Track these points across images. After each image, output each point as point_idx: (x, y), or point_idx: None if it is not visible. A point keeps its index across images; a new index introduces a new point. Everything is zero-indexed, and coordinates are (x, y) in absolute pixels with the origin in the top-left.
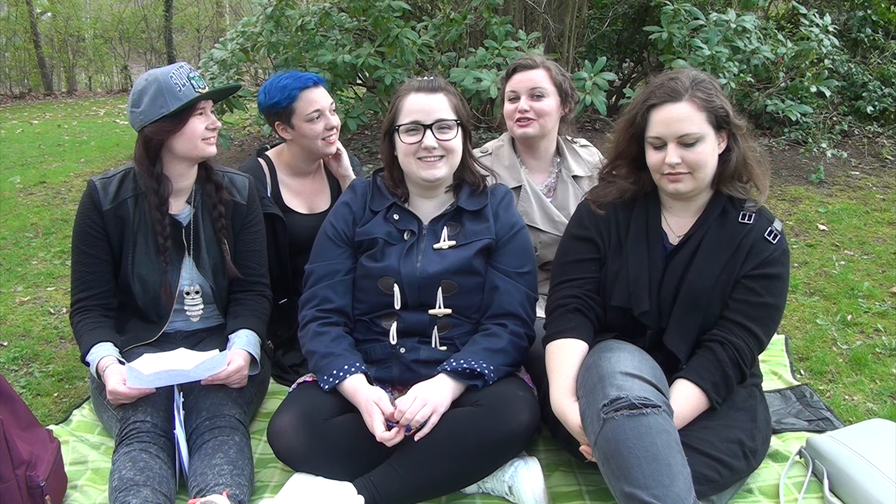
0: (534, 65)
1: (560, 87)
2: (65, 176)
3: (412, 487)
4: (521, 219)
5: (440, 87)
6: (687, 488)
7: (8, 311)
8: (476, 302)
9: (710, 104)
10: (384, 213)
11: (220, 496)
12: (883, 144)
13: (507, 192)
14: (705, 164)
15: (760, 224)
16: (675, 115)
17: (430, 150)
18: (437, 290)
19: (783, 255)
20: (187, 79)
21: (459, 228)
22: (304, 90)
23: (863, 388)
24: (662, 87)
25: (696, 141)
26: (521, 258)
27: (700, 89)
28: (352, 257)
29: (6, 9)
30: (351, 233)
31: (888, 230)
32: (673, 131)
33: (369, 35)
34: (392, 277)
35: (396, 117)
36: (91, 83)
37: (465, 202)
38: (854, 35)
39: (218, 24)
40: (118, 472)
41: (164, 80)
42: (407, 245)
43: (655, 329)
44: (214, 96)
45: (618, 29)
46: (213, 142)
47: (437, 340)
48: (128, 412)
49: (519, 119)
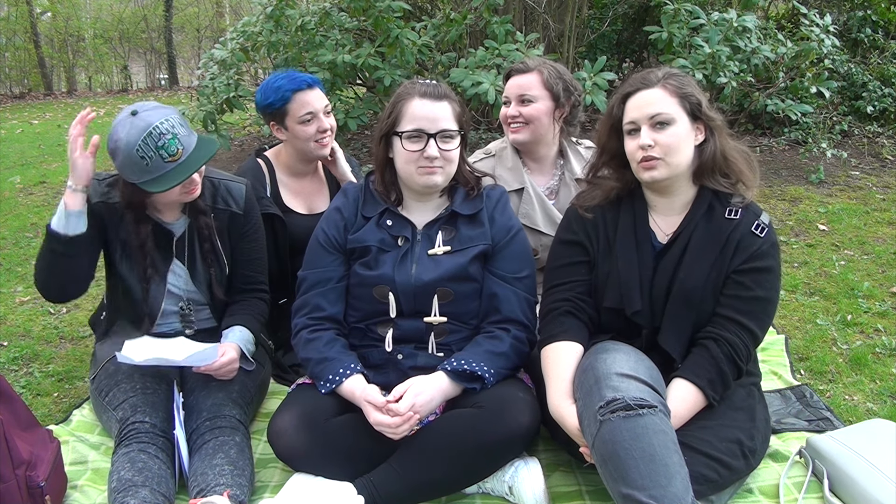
0: (526, 69)
1: (552, 90)
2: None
3: (412, 487)
4: (517, 221)
5: (445, 94)
6: (684, 488)
7: (8, 311)
8: (473, 308)
9: (682, 90)
10: (377, 219)
11: (221, 497)
12: (883, 144)
13: (503, 194)
14: (678, 149)
15: (747, 218)
16: (647, 99)
17: (431, 160)
18: (432, 297)
19: (772, 247)
20: (155, 149)
21: (454, 233)
22: (298, 92)
23: (863, 388)
24: (636, 78)
25: (668, 123)
26: (519, 262)
27: (673, 78)
28: (344, 264)
29: (6, 9)
30: (343, 240)
31: (888, 230)
32: (645, 113)
33: (369, 35)
34: (387, 286)
35: (398, 121)
36: (91, 83)
37: (459, 206)
38: (854, 35)
39: (218, 24)
40: (117, 473)
41: (129, 155)
42: (401, 252)
43: (650, 329)
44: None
45: (618, 29)
46: (193, 190)
47: (433, 346)
48: (127, 412)
49: (510, 124)
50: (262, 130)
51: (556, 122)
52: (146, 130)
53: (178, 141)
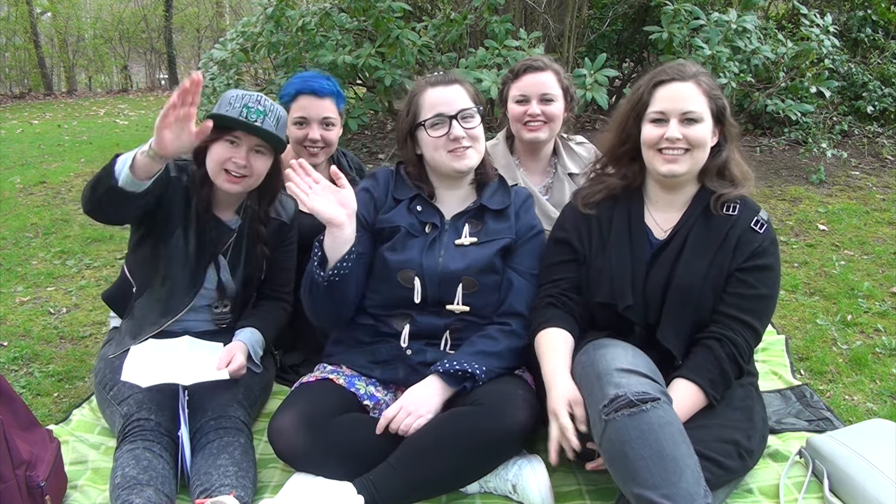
0: (544, 67)
1: (567, 90)
2: (65, 176)
3: (412, 486)
4: (540, 223)
5: (455, 79)
6: (695, 480)
7: (8, 311)
8: (494, 301)
9: (712, 92)
10: (407, 203)
11: (229, 497)
12: (883, 144)
13: (530, 196)
14: (704, 145)
15: (745, 214)
16: (682, 92)
17: (458, 140)
18: (457, 286)
19: (772, 244)
20: (243, 106)
21: (481, 226)
22: (301, 94)
23: (863, 388)
24: (671, 68)
25: (697, 120)
26: (535, 260)
27: (706, 77)
28: (369, 241)
29: (6, 9)
30: (372, 218)
31: (888, 230)
32: (678, 107)
33: (369, 35)
34: (413, 270)
35: (418, 114)
36: (91, 83)
37: (488, 200)
38: (854, 35)
39: (218, 24)
40: (121, 469)
41: (226, 95)
42: (429, 238)
43: (643, 325)
44: (250, 129)
45: (618, 29)
46: (235, 180)
47: (447, 343)
48: (132, 408)
49: (528, 122)
50: None
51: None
52: (249, 94)
53: (263, 116)
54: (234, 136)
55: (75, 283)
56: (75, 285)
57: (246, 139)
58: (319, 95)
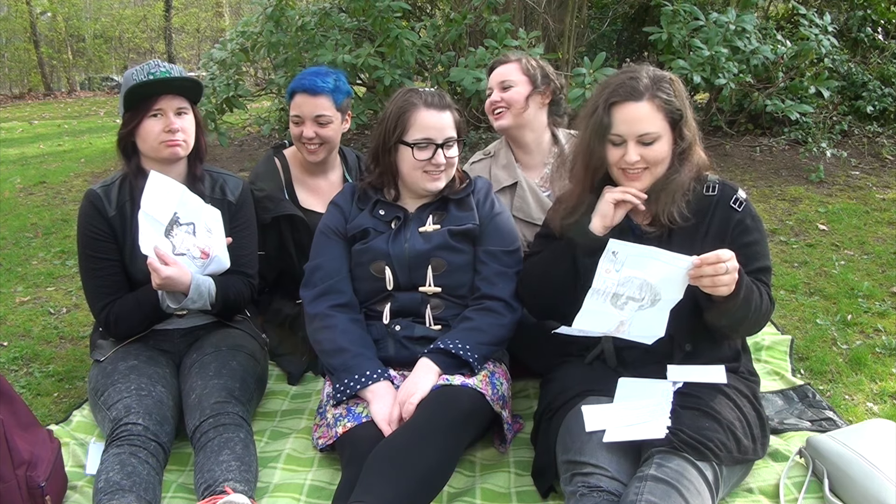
0: (506, 60)
1: (529, 75)
2: (65, 176)
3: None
4: (502, 205)
5: (448, 104)
6: None
7: (8, 311)
8: (466, 280)
9: (668, 105)
10: (370, 209)
11: (241, 495)
12: (883, 144)
13: (487, 184)
14: (662, 161)
15: (725, 192)
16: (635, 114)
17: (438, 166)
18: (426, 268)
19: (753, 220)
20: (147, 73)
21: (445, 215)
22: (301, 92)
23: (863, 388)
24: (622, 86)
25: (655, 140)
26: (506, 237)
27: (660, 90)
28: (347, 249)
29: (6, 9)
30: (343, 228)
31: (888, 230)
32: (634, 130)
33: (369, 35)
34: (382, 260)
35: (406, 131)
36: (91, 83)
37: (449, 192)
38: (854, 35)
39: (218, 24)
40: (105, 473)
41: (126, 73)
42: (394, 230)
43: None
44: (167, 81)
45: (618, 29)
46: (175, 143)
47: (430, 319)
48: (120, 413)
49: (494, 111)
50: (261, 130)
51: (541, 108)
52: (145, 63)
53: (168, 72)
54: (156, 109)
55: (75, 283)
56: (75, 285)
57: (167, 104)
58: (313, 93)
